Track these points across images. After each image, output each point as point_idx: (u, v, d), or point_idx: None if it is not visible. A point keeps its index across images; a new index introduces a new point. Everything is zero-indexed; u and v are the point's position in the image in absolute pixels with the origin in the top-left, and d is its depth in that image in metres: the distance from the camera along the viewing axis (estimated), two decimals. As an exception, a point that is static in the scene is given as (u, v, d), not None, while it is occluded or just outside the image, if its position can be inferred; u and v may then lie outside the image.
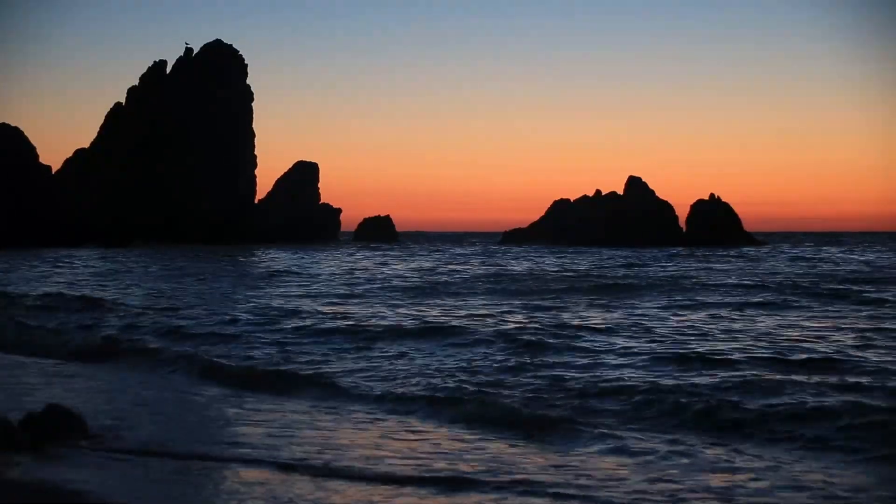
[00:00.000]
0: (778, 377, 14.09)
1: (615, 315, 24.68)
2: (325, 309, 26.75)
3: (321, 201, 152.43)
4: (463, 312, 25.52)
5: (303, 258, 68.02)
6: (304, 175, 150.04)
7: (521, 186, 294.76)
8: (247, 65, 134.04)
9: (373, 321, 22.92)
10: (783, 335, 19.81)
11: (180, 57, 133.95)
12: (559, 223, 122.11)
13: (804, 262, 62.46)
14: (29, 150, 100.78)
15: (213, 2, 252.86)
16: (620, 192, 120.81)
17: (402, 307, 27.77)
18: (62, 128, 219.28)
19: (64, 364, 17.21)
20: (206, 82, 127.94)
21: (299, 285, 38.65)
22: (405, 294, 33.48)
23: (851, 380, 13.92)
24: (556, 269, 53.22)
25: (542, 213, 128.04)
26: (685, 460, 9.44)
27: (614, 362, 16.21)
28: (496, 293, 33.77)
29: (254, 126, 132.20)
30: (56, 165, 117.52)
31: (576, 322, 22.69)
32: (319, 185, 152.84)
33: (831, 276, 44.37)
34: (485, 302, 29.76)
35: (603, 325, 21.89)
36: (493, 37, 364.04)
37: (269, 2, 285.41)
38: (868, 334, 19.95)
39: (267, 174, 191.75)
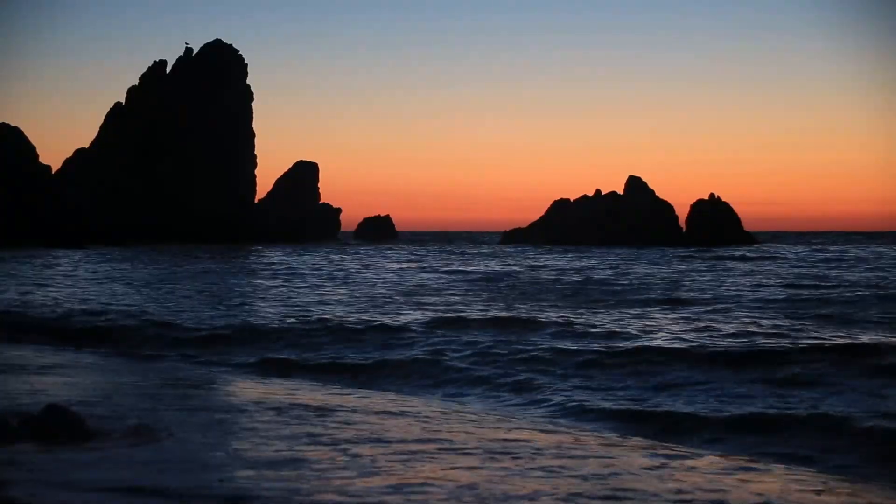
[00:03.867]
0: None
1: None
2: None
3: (321, 201, 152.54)
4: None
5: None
6: (304, 175, 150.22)
7: (521, 186, 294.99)
8: (247, 65, 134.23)
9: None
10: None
11: (180, 57, 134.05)
12: (559, 223, 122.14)
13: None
14: (29, 150, 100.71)
15: (213, 2, 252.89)
16: (620, 192, 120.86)
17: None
18: (62, 128, 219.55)
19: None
20: (206, 82, 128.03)
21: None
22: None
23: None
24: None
25: (542, 213, 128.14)
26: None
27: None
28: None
29: (254, 126, 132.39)
30: (56, 165, 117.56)
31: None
32: (319, 185, 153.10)
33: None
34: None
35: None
36: (493, 37, 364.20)
37: (269, 2, 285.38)
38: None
39: (267, 174, 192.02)
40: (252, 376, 15.79)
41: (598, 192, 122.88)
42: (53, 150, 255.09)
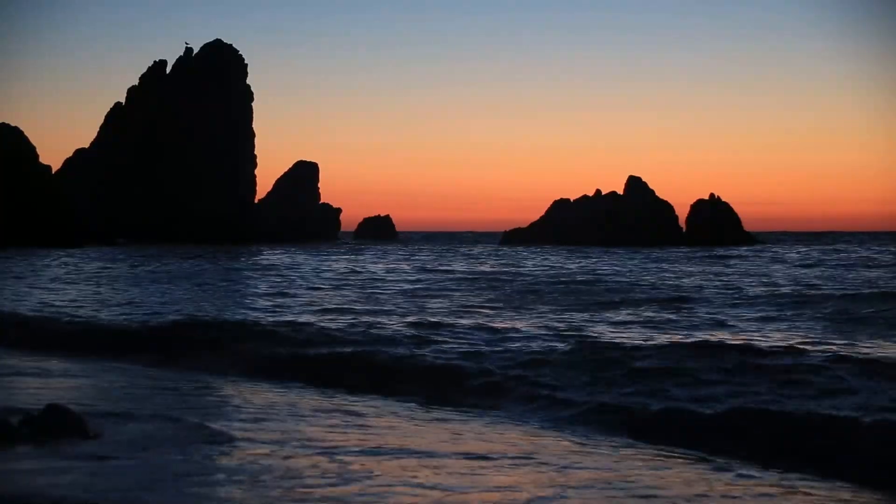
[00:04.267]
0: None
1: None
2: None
3: (321, 201, 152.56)
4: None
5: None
6: (304, 175, 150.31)
7: (521, 186, 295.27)
8: (247, 65, 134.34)
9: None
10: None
11: (180, 57, 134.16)
12: (559, 223, 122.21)
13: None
14: (29, 150, 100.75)
15: (213, 2, 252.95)
16: (620, 192, 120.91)
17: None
18: (62, 128, 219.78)
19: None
20: (206, 82, 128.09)
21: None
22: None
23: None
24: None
25: (542, 213, 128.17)
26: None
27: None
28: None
29: (254, 126, 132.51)
30: (56, 165, 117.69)
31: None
32: (319, 185, 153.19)
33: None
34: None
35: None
36: (493, 36, 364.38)
37: (269, 2, 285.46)
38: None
39: (267, 174, 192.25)
40: (242, 379, 15.71)
41: (598, 192, 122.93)
42: (53, 150, 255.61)
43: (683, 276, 44.72)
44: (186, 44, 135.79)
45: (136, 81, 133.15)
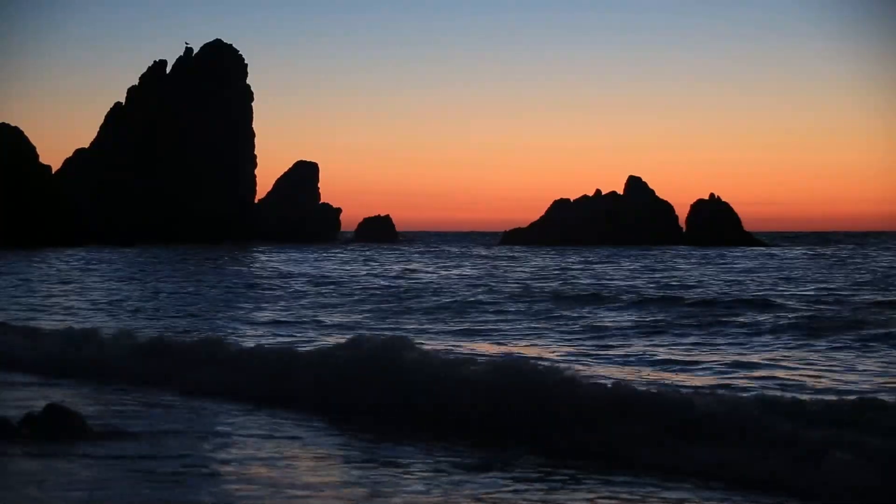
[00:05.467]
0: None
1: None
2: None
3: (321, 201, 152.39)
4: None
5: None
6: (304, 175, 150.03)
7: (521, 186, 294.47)
8: (247, 65, 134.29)
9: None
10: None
11: (180, 57, 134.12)
12: (559, 223, 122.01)
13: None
14: (29, 150, 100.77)
15: (213, 2, 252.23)
16: (620, 192, 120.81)
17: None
18: (62, 128, 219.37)
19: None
20: (206, 82, 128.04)
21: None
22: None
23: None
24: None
25: (542, 213, 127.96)
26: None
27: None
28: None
29: (254, 126, 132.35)
30: (56, 165, 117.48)
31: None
32: (319, 185, 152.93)
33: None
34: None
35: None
36: (492, 36, 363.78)
37: (269, 2, 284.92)
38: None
39: (267, 174, 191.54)
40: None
41: (598, 192, 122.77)
42: (53, 150, 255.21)
43: (670, 275, 44.64)
44: (186, 44, 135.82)
45: (136, 81, 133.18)
